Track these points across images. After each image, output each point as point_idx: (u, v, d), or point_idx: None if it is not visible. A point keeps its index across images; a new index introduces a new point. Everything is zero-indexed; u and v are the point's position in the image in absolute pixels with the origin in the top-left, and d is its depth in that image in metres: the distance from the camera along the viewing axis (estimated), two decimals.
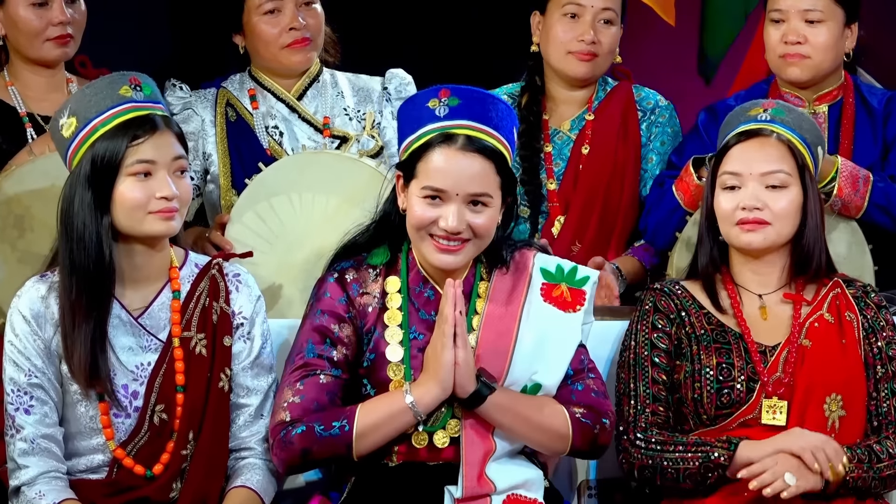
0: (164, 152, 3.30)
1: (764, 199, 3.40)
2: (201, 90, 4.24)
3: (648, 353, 3.42)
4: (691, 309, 3.46)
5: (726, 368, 3.38)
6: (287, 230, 3.82)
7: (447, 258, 3.30)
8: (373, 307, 3.35)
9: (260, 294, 3.43)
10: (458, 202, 3.27)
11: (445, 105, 3.32)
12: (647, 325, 3.44)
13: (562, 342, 3.35)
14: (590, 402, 3.33)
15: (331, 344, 3.31)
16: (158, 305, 3.35)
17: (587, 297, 3.38)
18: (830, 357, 3.40)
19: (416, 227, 3.30)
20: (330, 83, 4.26)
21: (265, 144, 4.17)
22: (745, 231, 3.40)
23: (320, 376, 3.29)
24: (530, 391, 3.30)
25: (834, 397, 3.39)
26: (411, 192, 3.32)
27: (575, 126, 4.19)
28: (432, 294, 3.36)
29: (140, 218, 3.28)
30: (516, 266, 3.39)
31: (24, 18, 4.01)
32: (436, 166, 3.28)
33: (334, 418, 3.23)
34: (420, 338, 3.32)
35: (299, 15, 4.14)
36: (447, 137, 3.29)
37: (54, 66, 4.09)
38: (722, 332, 3.43)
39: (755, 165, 3.40)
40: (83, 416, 3.30)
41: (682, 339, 3.43)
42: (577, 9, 4.13)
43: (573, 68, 4.15)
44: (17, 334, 3.30)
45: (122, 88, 3.31)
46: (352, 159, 3.86)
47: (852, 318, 3.45)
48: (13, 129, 4.03)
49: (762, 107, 3.48)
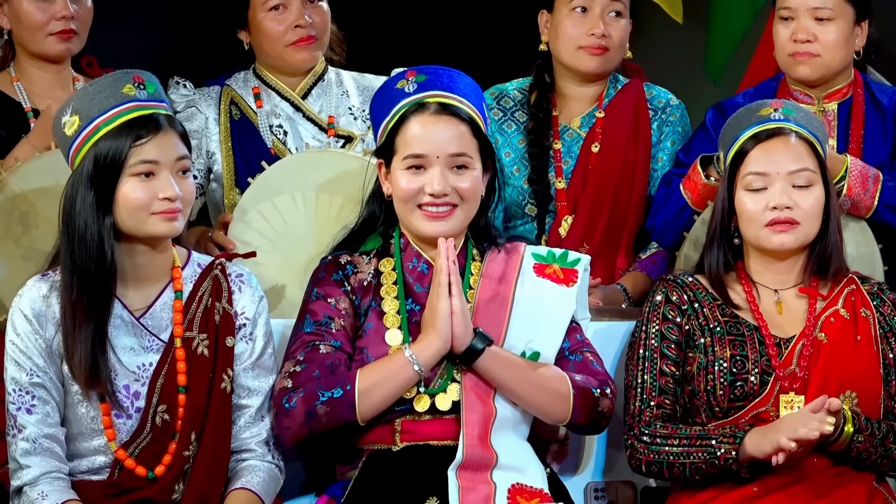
0: (168, 152, 3.31)
1: (794, 198, 3.40)
2: (205, 88, 4.26)
3: (658, 344, 3.42)
4: (704, 301, 3.45)
5: (740, 361, 3.37)
6: (290, 229, 3.84)
7: (438, 225, 3.37)
8: (367, 282, 3.41)
9: (263, 295, 3.44)
10: (440, 165, 3.35)
11: (413, 82, 3.42)
12: (658, 317, 3.45)
13: (557, 311, 3.41)
14: (590, 372, 3.39)
15: (329, 318, 3.37)
16: (160, 305, 3.36)
17: (579, 277, 3.44)
18: (846, 353, 3.40)
19: (403, 199, 3.37)
20: (335, 82, 4.29)
21: (269, 143, 4.20)
22: (778, 232, 3.39)
23: (320, 347, 3.34)
24: (529, 359, 3.35)
25: (848, 394, 3.38)
26: (394, 170, 3.39)
27: (585, 123, 4.18)
28: (426, 268, 3.42)
29: (143, 218, 3.30)
30: (507, 251, 3.46)
31: (27, 12, 4.03)
32: (413, 134, 3.37)
33: (336, 381, 3.28)
34: (416, 308, 3.38)
35: (305, 12, 4.16)
36: (420, 106, 3.40)
37: (59, 62, 4.11)
38: (736, 323, 3.43)
39: (782, 164, 3.40)
40: (84, 417, 3.30)
41: (694, 331, 3.42)
42: (586, 3, 4.12)
43: (585, 63, 4.15)
44: (19, 333, 3.30)
45: (126, 87, 3.31)
46: (356, 158, 3.87)
47: (868, 314, 3.44)
48: (18, 124, 4.03)
49: (771, 107, 3.47)
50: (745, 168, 3.42)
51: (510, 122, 4.21)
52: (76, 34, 4.06)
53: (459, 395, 3.32)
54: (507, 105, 4.24)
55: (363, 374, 3.29)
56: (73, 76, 4.13)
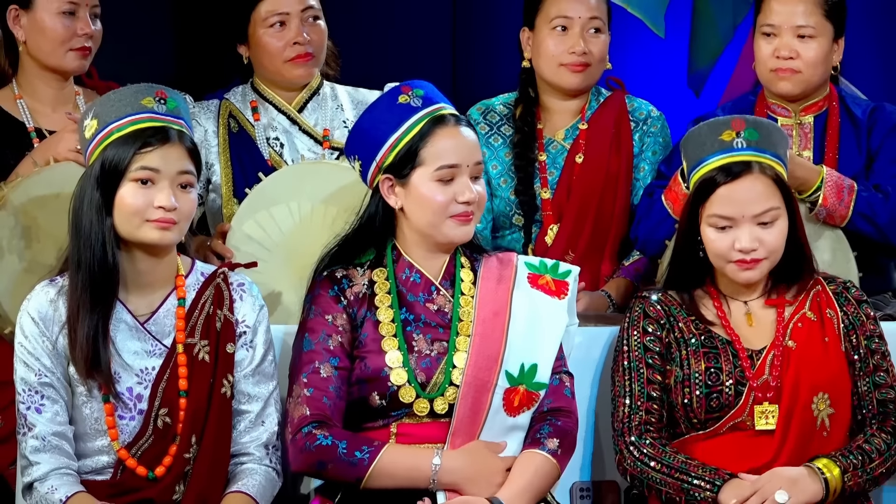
0: (171, 164, 3.30)
1: (759, 237, 3.36)
2: (205, 101, 4.25)
3: (642, 355, 3.40)
4: (679, 315, 3.43)
5: (714, 373, 3.36)
6: (286, 239, 3.82)
7: (465, 230, 3.38)
8: (363, 293, 3.40)
9: (263, 304, 3.44)
10: (467, 174, 3.38)
11: (416, 97, 3.42)
12: (638, 330, 3.43)
13: (551, 323, 3.41)
14: (563, 401, 3.40)
15: (326, 335, 3.36)
16: (164, 312, 3.36)
17: (570, 289, 3.45)
18: (814, 356, 3.39)
19: (435, 211, 3.37)
20: (330, 96, 4.28)
21: (266, 155, 4.18)
22: (743, 269, 3.37)
23: (321, 370, 3.33)
24: (528, 373, 3.35)
25: (821, 396, 3.37)
26: (417, 183, 3.37)
27: (569, 136, 4.19)
28: (418, 278, 3.41)
29: (137, 224, 3.29)
30: (500, 259, 3.47)
31: (51, 26, 4.00)
32: (445, 146, 3.37)
33: (360, 445, 3.28)
34: (410, 318, 3.38)
35: (303, 30, 4.15)
36: (440, 119, 3.40)
37: (69, 77, 4.10)
38: (710, 337, 3.41)
39: (748, 208, 3.35)
40: (89, 418, 3.30)
41: (671, 344, 3.41)
42: (566, 21, 4.14)
43: (567, 80, 4.16)
44: (27, 335, 3.30)
45: (146, 99, 3.33)
46: (350, 169, 3.74)
47: (832, 314, 3.42)
48: (20, 144, 4.02)
49: (733, 129, 3.38)
50: (711, 208, 3.36)
51: (496, 136, 4.22)
52: (90, 52, 4.06)
53: (455, 399, 3.33)
54: (493, 119, 4.25)
55: (384, 459, 3.28)
56: (74, 90, 4.11)
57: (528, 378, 3.35)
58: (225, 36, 4.28)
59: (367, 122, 3.48)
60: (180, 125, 3.35)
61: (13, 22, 4.02)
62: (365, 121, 3.48)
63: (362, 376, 3.34)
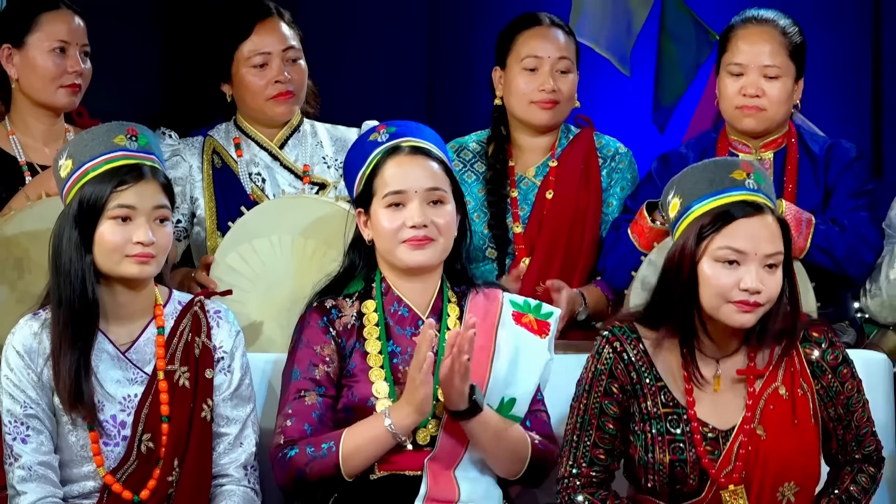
0: (147, 200, 3.31)
1: (763, 279, 3.17)
2: (190, 138, 4.26)
3: (597, 417, 3.24)
4: (646, 382, 3.24)
5: (679, 466, 3.20)
6: (268, 270, 3.82)
7: (419, 254, 3.38)
8: (351, 325, 3.42)
9: (240, 329, 3.45)
10: (419, 199, 3.38)
11: (385, 133, 3.47)
12: (600, 388, 3.24)
13: (533, 360, 3.43)
14: (543, 433, 3.42)
15: (313, 365, 3.38)
16: (144, 340, 3.36)
17: (551, 329, 3.46)
18: (784, 444, 3.22)
19: (387, 236, 3.39)
20: (310, 133, 4.28)
21: (248, 190, 4.19)
22: (743, 311, 3.16)
23: (306, 398, 3.35)
24: (506, 405, 3.36)
25: (788, 485, 3.24)
26: (375, 211, 3.41)
27: (539, 172, 4.21)
28: (406, 311, 3.44)
29: (117, 260, 3.30)
30: (486, 295, 3.48)
31: (43, 64, 4.03)
32: (391, 174, 3.40)
33: (324, 440, 3.31)
34: (397, 350, 3.40)
35: (285, 69, 4.17)
36: (394, 150, 3.43)
37: (59, 114, 4.12)
38: (675, 418, 3.23)
39: (762, 246, 3.17)
40: (75, 445, 3.30)
41: (634, 415, 3.24)
42: (536, 62, 4.16)
43: (537, 117, 4.18)
44: (12, 368, 3.31)
45: (118, 137, 3.34)
46: (329, 203, 3.88)
47: (805, 390, 3.25)
48: (12, 178, 4.03)
49: (744, 170, 3.22)
50: (723, 239, 3.17)
51: (470, 173, 4.24)
52: (80, 89, 4.08)
53: (437, 431, 3.34)
54: (466, 157, 4.27)
55: (347, 438, 3.31)
56: (65, 128, 4.13)
57: (505, 410, 3.37)
58: (209, 75, 4.28)
59: (348, 160, 3.53)
60: (153, 161, 3.36)
61: (6, 60, 4.04)
62: (347, 159, 3.54)
63: (349, 404, 3.37)
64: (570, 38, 4.24)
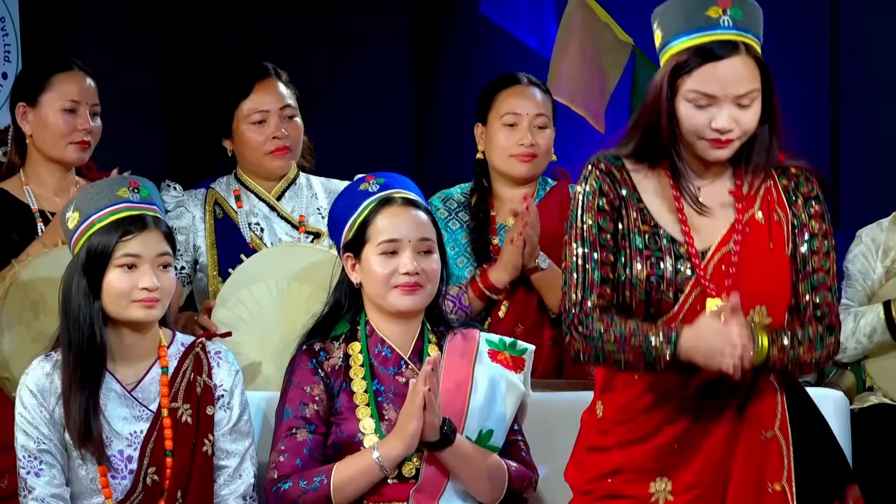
0: (150, 248, 3.35)
1: (736, 117, 3.06)
2: (193, 190, 4.29)
3: (597, 234, 3.11)
4: (631, 200, 3.12)
5: (655, 281, 3.07)
6: (266, 314, 3.86)
7: (409, 299, 3.43)
8: (339, 366, 3.45)
9: (239, 369, 3.49)
10: (411, 248, 3.43)
11: (375, 184, 3.51)
12: (593, 208, 3.12)
13: (508, 393, 3.46)
14: (521, 460, 3.46)
15: (304, 404, 3.41)
16: (149, 380, 3.41)
17: (526, 364, 3.51)
18: (758, 265, 3.10)
19: (379, 282, 3.42)
20: (305, 186, 4.32)
21: (248, 238, 4.21)
22: (716, 148, 3.07)
23: (297, 435, 3.38)
24: (484, 436, 3.42)
25: (758, 309, 3.10)
26: (367, 257, 3.45)
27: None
28: (389, 352, 3.48)
29: (124, 305, 3.34)
30: (464, 335, 3.52)
31: (54, 121, 4.08)
32: (385, 223, 3.45)
33: (316, 474, 3.34)
34: (381, 388, 3.43)
35: (282, 126, 4.21)
36: (387, 201, 3.48)
37: (70, 167, 4.15)
38: (655, 236, 3.10)
39: (731, 88, 3.04)
40: (84, 478, 3.35)
41: (619, 232, 3.12)
42: (515, 118, 4.22)
43: (516, 169, 4.23)
44: (26, 406, 3.35)
45: (121, 189, 3.38)
46: (323, 252, 3.92)
47: (781, 217, 3.14)
48: (26, 224, 4.08)
49: (720, 6, 3.05)
50: (692, 83, 3.05)
51: (455, 221, 4.27)
52: (90, 146, 4.13)
53: (421, 464, 3.38)
54: (451, 206, 4.30)
55: (338, 471, 3.34)
56: (75, 180, 4.16)
57: (483, 441, 3.42)
58: (211, 131, 4.32)
59: (335, 208, 3.57)
60: (154, 211, 3.39)
61: (21, 117, 4.11)
62: (334, 206, 3.58)
63: (338, 440, 3.41)
64: (547, 96, 4.30)
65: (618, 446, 3.14)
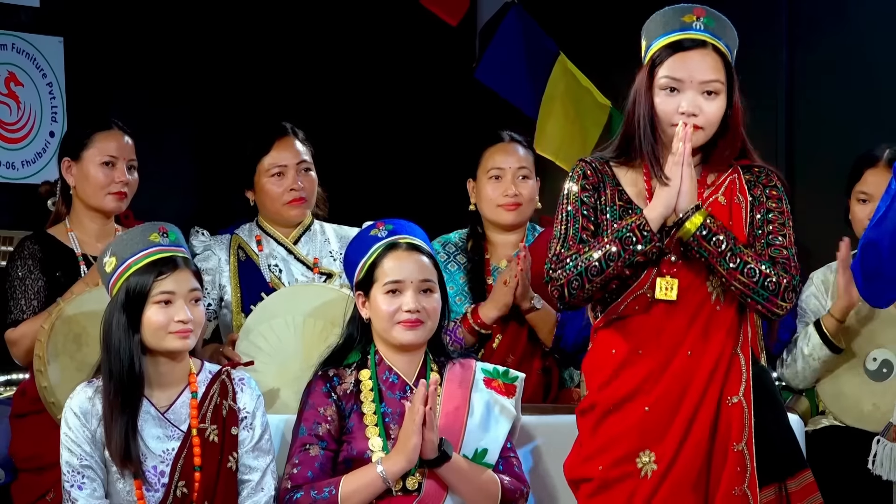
0: (183, 286, 3.45)
1: (700, 105, 3.24)
2: (219, 235, 4.39)
3: (579, 208, 3.28)
4: (609, 182, 3.31)
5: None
6: (283, 345, 3.94)
7: (411, 334, 3.51)
8: (350, 390, 3.54)
9: (260, 394, 3.58)
10: (413, 289, 3.52)
11: (384, 230, 3.63)
12: (577, 189, 3.30)
13: (501, 416, 3.56)
14: (514, 475, 3.56)
15: (317, 423, 3.49)
16: (180, 403, 3.51)
17: (517, 391, 3.61)
18: None
19: (385, 318, 3.52)
20: (319, 231, 4.41)
21: (268, 279, 4.30)
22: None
23: (310, 451, 3.47)
24: (479, 454, 3.51)
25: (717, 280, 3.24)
26: (374, 296, 3.55)
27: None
28: (396, 379, 3.57)
29: (162, 336, 3.44)
30: (462, 365, 3.64)
31: (94, 175, 4.16)
32: (391, 266, 3.55)
33: (325, 485, 3.44)
34: (388, 410, 3.52)
35: (298, 179, 4.31)
36: (394, 245, 3.58)
37: (109, 216, 4.23)
38: (627, 211, 3.28)
39: (696, 74, 3.23)
40: (122, 491, 3.44)
41: (596, 209, 3.30)
42: (500, 171, 4.30)
43: (503, 217, 4.31)
44: (70, 427, 3.44)
45: (153, 235, 3.47)
46: (335, 290, 4.01)
47: (741, 200, 3.30)
48: (70, 267, 4.17)
49: (695, 14, 3.29)
50: (663, 70, 3.24)
51: (453, 263, 4.34)
52: (126, 196, 4.21)
53: (423, 479, 3.47)
54: (450, 250, 4.37)
55: (345, 483, 3.42)
56: (115, 228, 4.27)
57: (479, 458, 3.52)
58: (235, 183, 4.43)
59: (349, 251, 3.68)
60: (182, 252, 3.48)
61: (66, 171, 4.21)
62: (349, 249, 3.69)
63: (349, 457, 3.50)
64: (528, 150, 4.39)
65: (604, 416, 3.26)
